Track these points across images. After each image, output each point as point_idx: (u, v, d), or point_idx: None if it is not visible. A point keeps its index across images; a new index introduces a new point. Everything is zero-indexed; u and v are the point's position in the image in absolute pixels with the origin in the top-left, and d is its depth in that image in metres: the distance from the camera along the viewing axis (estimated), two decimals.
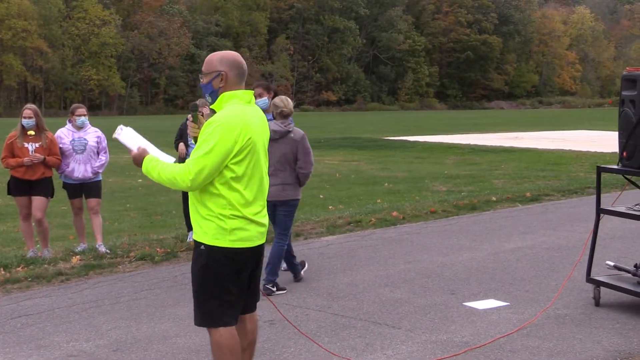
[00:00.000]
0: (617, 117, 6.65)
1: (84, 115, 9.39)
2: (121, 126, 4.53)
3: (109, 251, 9.10)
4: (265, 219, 4.33)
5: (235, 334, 4.29)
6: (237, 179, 4.12)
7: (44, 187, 9.05)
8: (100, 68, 75.82)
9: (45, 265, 8.41)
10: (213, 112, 4.28)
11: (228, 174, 4.09)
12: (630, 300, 6.71)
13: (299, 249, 9.27)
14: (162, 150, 4.52)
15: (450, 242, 9.65)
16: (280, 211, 7.39)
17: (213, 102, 4.27)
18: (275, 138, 7.17)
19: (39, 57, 72.72)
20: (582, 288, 7.10)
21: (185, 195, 10.01)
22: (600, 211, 6.69)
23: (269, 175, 6.70)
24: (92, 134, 9.43)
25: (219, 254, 4.15)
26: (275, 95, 8.09)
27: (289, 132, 7.36)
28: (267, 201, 7.53)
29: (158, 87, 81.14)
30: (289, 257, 7.70)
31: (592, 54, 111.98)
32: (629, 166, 6.43)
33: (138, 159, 4.30)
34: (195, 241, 4.25)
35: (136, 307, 6.83)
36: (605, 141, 29.69)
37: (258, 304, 4.44)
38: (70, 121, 9.44)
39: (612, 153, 22.87)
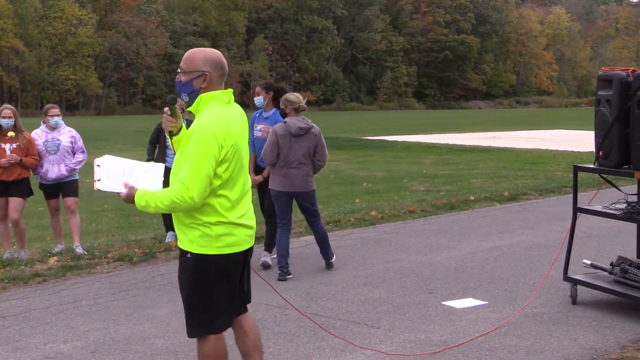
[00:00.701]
0: (594, 116, 6.71)
1: (57, 115, 9.32)
2: (97, 162, 4.19)
3: (86, 252, 9.04)
4: (252, 220, 4.20)
5: (223, 343, 4.19)
6: (223, 184, 3.99)
7: (21, 188, 8.98)
8: (77, 68, 75.31)
9: (22, 267, 8.35)
10: (188, 111, 4.17)
11: (214, 181, 3.95)
12: (606, 298, 6.77)
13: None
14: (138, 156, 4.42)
15: (429, 241, 9.69)
16: (306, 200, 8.03)
17: (191, 103, 4.11)
18: (301, 134, 7.79)
19: (15, 57, 72.08)
20: (559, 286, 7.15)
21: None
22: (577, 210, 6.74)
23: (294, 168, 7.00)
24: (66, 134, 9.36)
25: (206, 262, 4.03)
26: (277, 93, 8.53)
27: (312, 127, 7.87)
28: (292, 192, 7.87)
29: (136, 87, 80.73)
30: (287, 251, 7.99)
31: (568, 54, 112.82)
32: (605, 165, 6.48)
33: (129, 200, 4.11)
34: (180, 249, 4.13)
35: (114, 308, 6.79)
36: (581, 140, 29.94)
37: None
38: (44, 122, 9.37)
39: (589, 152, 23.06)
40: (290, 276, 7.84)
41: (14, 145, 8.86)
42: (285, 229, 8.00)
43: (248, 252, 4.25)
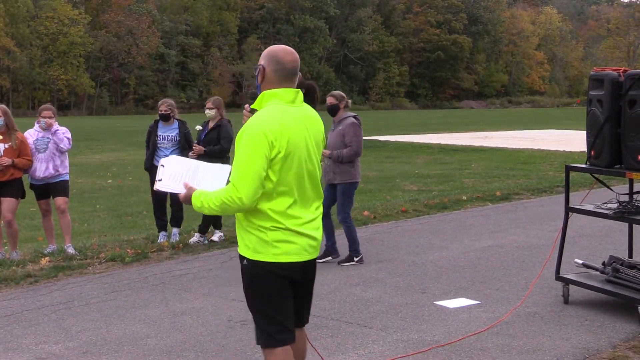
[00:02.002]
0: (585, 116, 6.73)
1: (49, 117, 9.24)
2: (162, 162, 4.16)
3: (77, 252, 9.03)
4: (314, 232, 3.91)
5: (291, 354, 3.97)
6: (276, 187, 3.76)
7: (14, 188, 8.95)
8: (68, 68, 75.04)
9: (14, 267, 8.32)
10: (254, 111, 3.99)
11: (265, 183, 3.73)
12: (598, 297, 6.79)
13: None
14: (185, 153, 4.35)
15: (421, 241, 9.70)
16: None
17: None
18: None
19: (6, 57, 71.82)
20: (551, 286, 7.17)
21: (156, 196, 9.97)
22: (569, 210, 6.76)
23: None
24: (59, 134, 9.29)
25: (261, 268, 3.82)
26: (307, 90, 8.74)
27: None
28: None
29: (128, 87, 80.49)
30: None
31: (560, 54, 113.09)
32: (597, 165, 6.50)
33: (187, 200, 3.95)
34: (239, 255, 3.95)
35: (106, 309, 6.78)
36: (573, 140, 30.01)
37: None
38: (37, 122, 9.34)
39: (581, 152, 23.11)
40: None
41: (7, 146, 8.83)
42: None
43: (309, 267, 4.00)
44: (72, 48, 75.32)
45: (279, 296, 3.86)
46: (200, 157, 9.58)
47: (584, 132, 6.97)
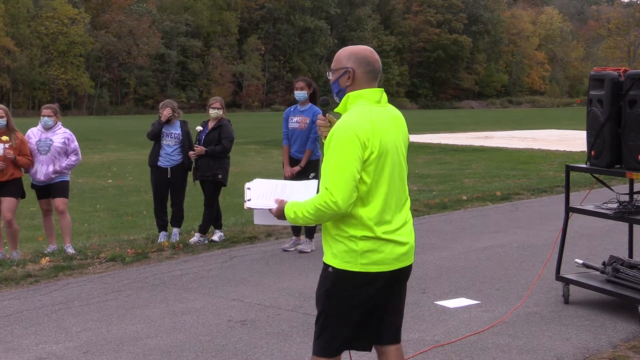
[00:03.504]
0: (586, 116, 6.72)
1: (49, 115, 9.25)
2: (247, 185, 4.03)
3: (76, 252, 9.03)
4: (406, 237, 3.79)
5: None
6: (370, 191, 3.64)
7: (14, 188, 8.95)
8: (68, 67, 75.05)
9: (14, 267, 8.33)
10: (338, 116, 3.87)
11: (359, 187, 3.60)
12: (598, 297, 6.79)
13: (271, 248, 9.27)
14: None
15: (422, 241, 9.69)
16: None
17: (339, 103, 3.84)
18: None
19: (6, 57, 71.83)
20: (551, 286, 7.16)
21: (157, 196, 9.97)
22: (569, 210, 6.76)
23: None
24: (60, 135, 9.30)
25: (348, 278, 3.69)
26: (314, 90, 9.29)
27: None
28: None
29: (128, 87, 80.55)
30: None
31: (560, 54, 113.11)
32: (597, 165, 6.50)
33: (280, 214, 3.80)
34: (324, 263, 3.81)
35: (106, 309, 6.78)
36: (573, 140, 30.01)
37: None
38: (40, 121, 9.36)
39: (581, 152, 23.11)
40: None
41: (7, 145, 8.83)
42: None
43: (401, 274, 3.85)
44: (72, 48, 75.34)
45: (359, 307, 3.74)
46: (201, 157, 9.59)
47: (584, 132, 6.97)
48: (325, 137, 3.82)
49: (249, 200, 3.98)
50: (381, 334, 3.92)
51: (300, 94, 9.13)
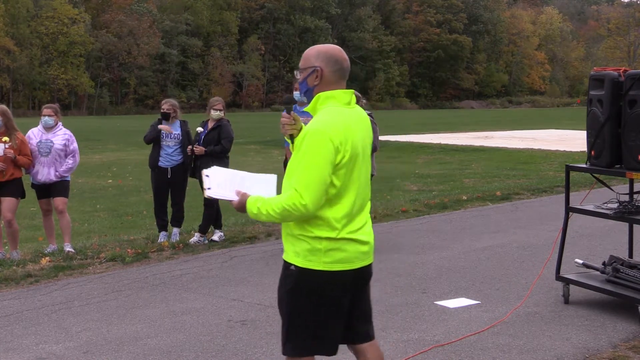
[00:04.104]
0: (586, 116, 6.72)
1: (49, 115, 9.25)
2: (205, 172, 4.01)
3: (74, 251, 9.03)
4: (367, 236, 3.83)
5: None
6: (339, 193, 3.64)
7: (14, 188, 8.95)
8: (68, 67, 75.02)
9: (14, 267, 8.33)
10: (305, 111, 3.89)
11: (328, 190, 3.60)
12: (598, 297, 6.79)
13: (271, 248, 9.27)
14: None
15: (422, 241, 9.70)
16: None
17: (308, 102, 3.81)
18: None
19: (6, 57, 71.82)
20: (551, 286, 7.16)
21: (157, 196, 9.97)
22: (569, 210, 6.76)
23: None
24: (60, 136, 9.30)
25: (311, 277, 3.67)
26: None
27: None
28: None
29: (128, 87, 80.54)
30: None
31: (560, 54, 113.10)
32: (597, 165, 6.50)
33: (241, 207, 3.77)
34: (284, 261, 3.78)
35: (107, 309, 6.78)
36: (573, 140, 30.02)
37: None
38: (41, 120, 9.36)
39: (581, 152, 23.12)
40: None
41: (7, 146, 8.83)
42: None
43: (364, 273, 3.89)
44: (72, 48, 75.32)
45: (322, 307, 3.72)
46: (201, 157, 9.59)
47: (584, 132, 6.97)
48: (289, 134, 3.85)
49: (209, 189, 3.97)
50: (352, 334, 3.92)
51: (297, 95, 9.11)
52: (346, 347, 5.57)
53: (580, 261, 7.06)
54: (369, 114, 8.88)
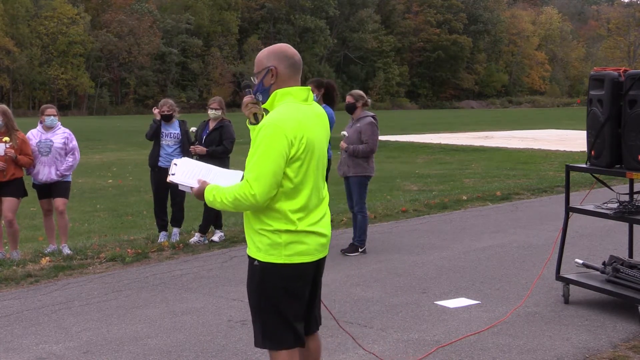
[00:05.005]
0: (586, 116, 6.73)
1: (54, 115, 9.29)
2: (175, 161, 4.16)
3: (72, 251, 9.04)
4: (325, 229, 3.92)
5: (297, 357, 3.93)
6: (294, 187, 3.75)
7: (15, 188, 8.95)
8: (68, 67, 75.03)
9: (14, 267, 8.33)
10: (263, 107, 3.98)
11: (284, 183, 3.71)
12: (598, 297, 6.79)
13: None
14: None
15: (422, 241, 9.70)
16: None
17: (264, 100, 3.91)
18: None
19: (5, 57, 71.80)
20: (551, 286, 7.16)
21: (157, 196, 9.97)
22: (569, 210, 6.76)
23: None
24: (60, 135, 9.32)
25: (274, 270, 3.78)
26: (327, 89, 10.03)
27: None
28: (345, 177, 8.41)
29: (128, 87, 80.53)
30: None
31: (560, 54, 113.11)
32: (597, 165, 6.50)
33: (199, 194, 3.92)
34: (248, 257, 3.89)
35: (107, 309, 6.78)
36: (573, 140, 30.03)
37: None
38: (41, 122, 9.35)
39: (581, 152, 23.12)
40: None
41: (7, 146, 8.83)
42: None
43: (320, 264, 3.99)
44: (72, 48, 75.32)
45: (290, 298, 3.83)
46: (202, 157, 9.58)
47: (584, 132, 6.97)
48: (253, 115, 3.98)
49: (172, 174, 4.09)
50: (307, 324, 4.03)
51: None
52: (349, 347, 5.58)
53: (580, 261, 7.06)
54: (372, 116, 8.93)
